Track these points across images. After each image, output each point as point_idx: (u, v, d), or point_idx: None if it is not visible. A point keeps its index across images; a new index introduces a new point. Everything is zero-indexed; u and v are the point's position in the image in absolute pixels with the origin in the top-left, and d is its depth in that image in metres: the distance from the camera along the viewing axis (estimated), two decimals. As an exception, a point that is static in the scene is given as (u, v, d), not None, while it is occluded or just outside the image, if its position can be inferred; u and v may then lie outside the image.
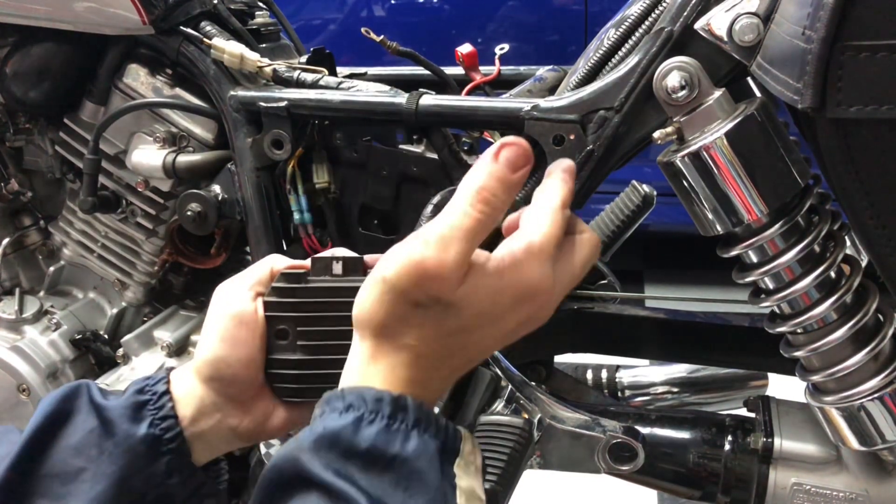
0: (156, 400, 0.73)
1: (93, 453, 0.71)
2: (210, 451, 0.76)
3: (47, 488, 0.71)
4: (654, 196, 1.25)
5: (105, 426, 0.72)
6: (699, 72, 0.76)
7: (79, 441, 0.72)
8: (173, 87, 1.17)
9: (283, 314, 0.74)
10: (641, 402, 1.27)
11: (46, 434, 0.72)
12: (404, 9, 3.11)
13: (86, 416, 0.73)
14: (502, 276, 0.61)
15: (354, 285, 0.71)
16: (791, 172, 0.73)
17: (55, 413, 0.73)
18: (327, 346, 0.74)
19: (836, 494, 0.86)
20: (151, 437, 0.72)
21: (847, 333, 0.78)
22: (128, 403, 0.73)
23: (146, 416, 0.73)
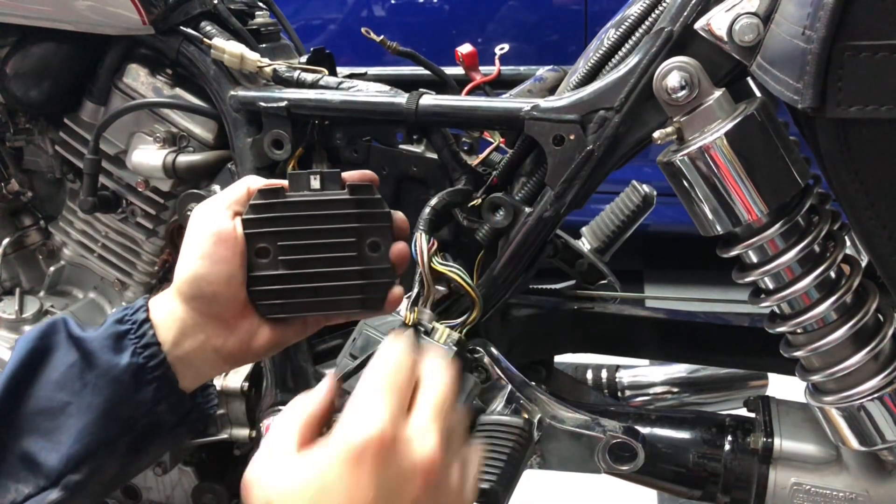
0: (136, 329, 0.74)
1: (76, 386, 0.72)
2: (197, 376, 0.77)
3: (34, 424, 0.72)
4: (654, 196, 1.25)
5: (86, 359, 0.73)
6: (699, 72, 0.76)
7: (60, 376, 0.73)
8: (173, 87, 1.17)
9: (263, 230, 0.75)
10: (641, 402, 1.27)
11: (27, 372, 0.73)
12: (404, 9, 3.11)
13: (65, 350, 0.74)
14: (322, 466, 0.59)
15: (333, 198, 0.75)
16: (791, 172, 0.73)
17: (33, 351, 0.73)
18: (309, 259, 0.75)
19: (836, 494, 0.86)
20: (135, 365, 0.73)
21: (847, 333, 0.78)
22: (107, 334, 0.74)
23: (127, 345, 0.73)
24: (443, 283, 0.93)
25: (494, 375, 0.96)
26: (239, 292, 0.74)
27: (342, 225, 0.76)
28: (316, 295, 0.76)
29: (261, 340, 0.77)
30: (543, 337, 1.16)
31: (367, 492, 0.56)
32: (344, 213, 0.76)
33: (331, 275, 0.76)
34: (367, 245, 0.76)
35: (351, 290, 0.76)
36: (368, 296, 0.77)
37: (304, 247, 0.75)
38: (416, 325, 0.87)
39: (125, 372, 0.72)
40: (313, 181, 0.75)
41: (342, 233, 0.76)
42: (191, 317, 0.74)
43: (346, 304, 0.77)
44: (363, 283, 0.76)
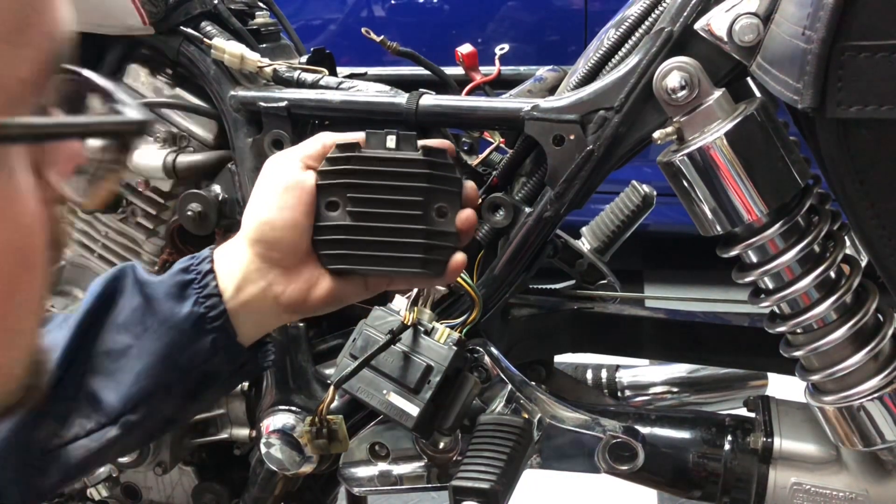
0: (200, 279, 0.76)
1: (138, 330, 0.75)
2: (255, 327, 0.78)
3: (99, 365, 0.75)
4: (653, 196, 1.25)
5: (149, 304, 0.75)
6: (699, 72, 0.76)
7: (125, 318, 0.75)
8: (173, 87, 1.17)
9: (336, 181, 0.77)
10: (641, 402, 1.27)
11: (96, 314, 0.75)
12: (404, 9, 3.11)
13: (131, 294, 0.76)
14: None
15: (407, 157, 0.76)
16: (791, 172, 0.73)
17: (103, 294, 0.76)
18: (375, 213, 0.77)
19: (835, 494, 0.86)
20: (196, 315, 0.74)
21: (847, 333, 0.78)
22: (172, 282, 0.76)
23: (190, 294, 0.75)
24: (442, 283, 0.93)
25: (494, 375, 0.96)
26: (302, 241, 0.77)
27: (412, 184, 0.76)
28: (378, 250, 0.77)
29: (320, 291, 0.78)
30: (543, 337, 1.16)
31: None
32: (415, 173, 0.76)
33: (395, 231, 0.76)
34: (435, 209, 0.77)
35: (413, 249, 0.76)
36: (430, 258, 0.77)
37: (373, 201, 0.77)
38: (416, 325, 0.87)
39: (185, 321, 0.74)
40: (389, 140, 0.77)
41: (411, 192, 0.76)
42: (253, 262, 0.76)
43: (406, 262, 0.77)
44: (426, 244, 0.76)
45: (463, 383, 0.90)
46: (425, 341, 0.90)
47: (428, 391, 0.86)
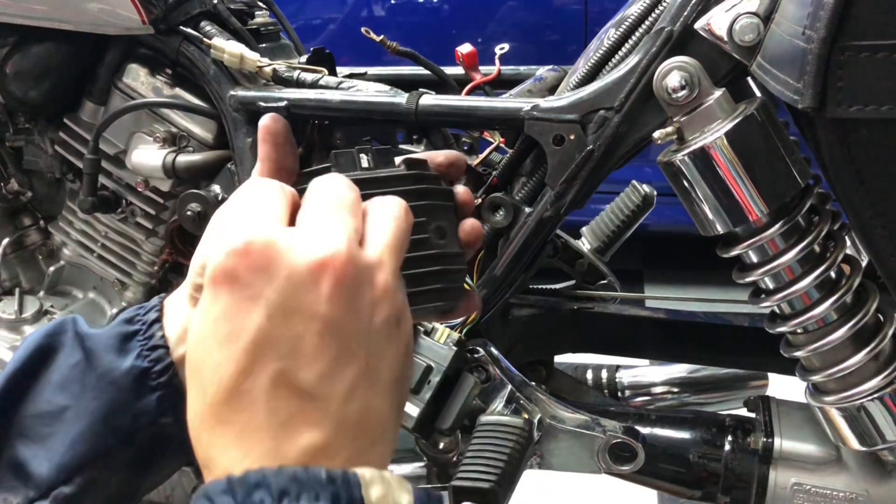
0: (145, 329, 0.66)
1: (75, 389, 0.65)
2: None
3: (28, 429, 0.65)
4: (654, 196, 1.25)
5: (88, 358, 0.66)
6: (699, 72, 0.76)
7: (62, 377, 0.66)
8: (173, 86, 1.17)
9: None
10: (641, 403, 1.27)
11: (28, 372, 0.66)
12: (404, 9, 3.11)
13: (70, 349, 0.67)
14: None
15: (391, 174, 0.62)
16: (791, 172, 0.73)
17: (39, 349, 0.67)
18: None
19: (836, 494, 0.86)
20: (138, 369, 0.65)
21: (847, 333, 0.77)
22: (114, 333, 0.66)
23: (134, 346, 0.66)
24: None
25: (494, 375, 0.96)
26: None
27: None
28: None
29: None
30: (543, 337, 1.16)
31: (324, 311, 0.48)
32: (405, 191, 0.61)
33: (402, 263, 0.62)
34: (433, 230, 0.63)
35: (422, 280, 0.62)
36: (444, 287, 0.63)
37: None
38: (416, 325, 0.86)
39: (126, 375, 0.65)
40: (362, 160, 0.63)
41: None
42: (191, 312, 0.65)
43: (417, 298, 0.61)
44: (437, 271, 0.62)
45: (463, 383, 0.90)
46: (425, 341, 0.90)
47: (428, 391, 0.86)
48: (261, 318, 0.48)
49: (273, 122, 0.65)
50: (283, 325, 0.48)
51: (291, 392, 0.47)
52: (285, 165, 0.65)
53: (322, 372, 0.48)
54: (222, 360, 0.48)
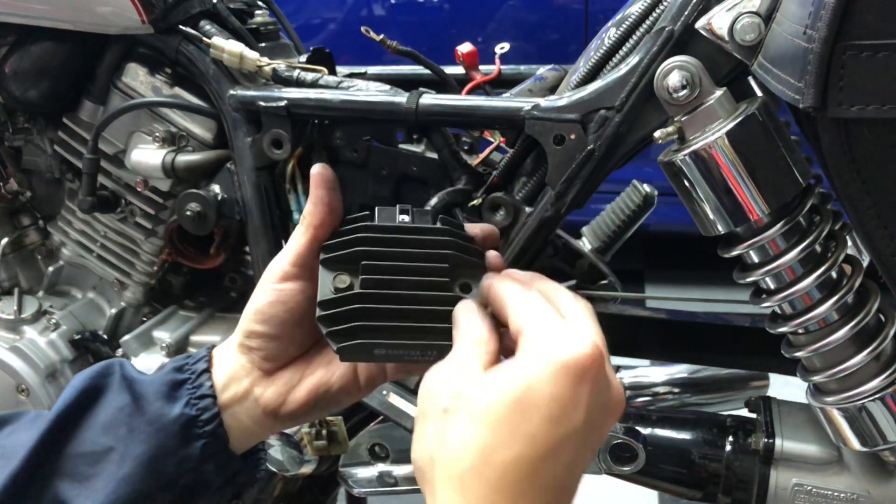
0: (194, 378, 0.70)
1: (122, 432, 0.68)
2: (244, 433, 0.72)
3: (73, 468, 0.68)
4: (654, 196, 1.25)
5: (137, 402, 0.69)
6: (700, 71, 0.75)
7: (108, 418, 0.69)
8: (172, 86, 1.17)
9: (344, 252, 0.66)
10: (642, 403, 1.26)
11: (75, 411, 0.69)
12: (404, 8, 3.11)
13: (117, 392, 0.70)
14: (534, 366, 0.54)
15: (425, 227, 0.68)
16: (792, 172, 0.73)
17: (86, 390, 0.69)
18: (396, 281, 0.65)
19: (837, 495, 0.86)
20: (186, 417, 0.68)
21: (848, 334, 0.77)
22: (164, 381, 0.70)
23: (183, 394, 0.69)
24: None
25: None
26: (290, 345, 0.70)
27: (436, 263, 0.67)
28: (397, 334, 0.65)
29: (300, 393, 0.71)
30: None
31: (578, 411, 0.52)
32: (438, 241, 0.67)
33: (422, 314, 0.65)
34: (459, 285, 0.67)
35: (442, 334, 0.64)
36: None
37: (391, 269, 0.66)
38: None
39: (174, 423, 0.68)
40: (403, 217, 0.69)
41: (437, 269, 0.66)
42: (240, 359, 0.71)
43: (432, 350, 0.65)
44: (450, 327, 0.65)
45: None
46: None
47: None
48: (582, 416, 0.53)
49: (325, 169, 0.69)
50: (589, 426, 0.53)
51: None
52: (335, 210, 0.69)
53: (568, 464, 0.53)
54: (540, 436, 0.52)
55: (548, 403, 0.51)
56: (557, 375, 0.52)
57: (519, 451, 0.50)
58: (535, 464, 0.51)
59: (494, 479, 0.50)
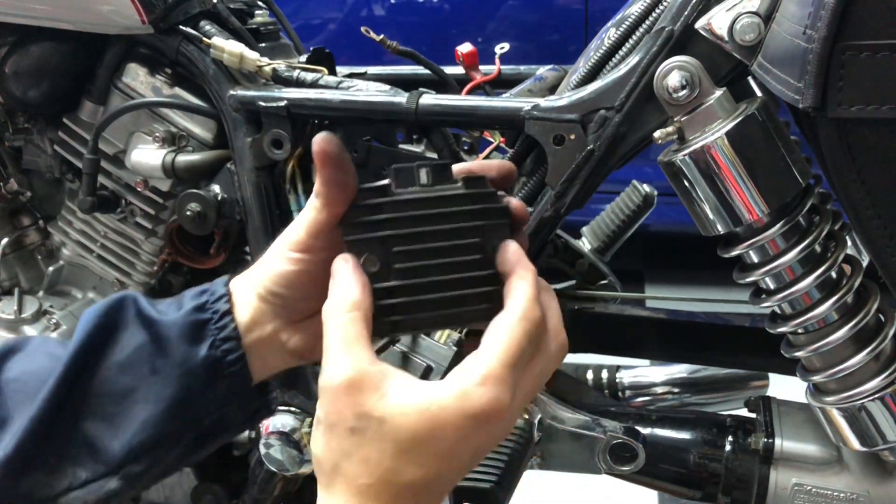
0: (217, 319, 0.69)
1: (143, 371, 0.68)
2: (264, 368, 0.72)
3: (96, 406, 0.68)
4: (654, 196, 1.25)
5: (158, 343, 0.68)
6: (700, 71, 0.76)
7: (127, 357, 0.68)
8: (172, 86, 1.17)
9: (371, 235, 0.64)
10: (642, 403, 1.27)
11: (91, 349, 0.68)
12: (404, 8, 3.11)
13: (133, 330, 0.69)
14: (442, 411, 0.56)
15: (449, 194, 0.64)
16: (792, 172, 0.73)
17: (100, 327, 0.69)
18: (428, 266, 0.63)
19: (837, 495, 0.86)
20: (212, 359, 0.68)
21: (848, 334, 0.77)
22: (187, 322, 0.69)
23: (207, 336, 0.68)
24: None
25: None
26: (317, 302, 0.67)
27: (462, 225, 0.64)
28: (436, 308, 0.64)
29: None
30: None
31: (469, 452, 0.58)
32: (463, 211, 0.64)
33: (454, 283, 0.64)
34: (489, 247, 0.65)
35: (476, 299, 0.64)
36: (495, 304, 0.64)
37: (423, 252, 0.64)
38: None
39: (201, 365, 0.68)
40: (421, 175, 0.64)
41: (464, 233, 0.64)
42: (261, 307, 0.70)
43: (469, 315, 0.65)
44: (489, 291, 0.64)
45: None
46: (425, 341, 0.89)
47: None
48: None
49: (327, 143, 0.63)
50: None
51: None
52: (348, 185, 0.65)
53: (447, 486, 0.60)
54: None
55: (447, 446, 0.56)
56: (465, 424, 0.56)
57: (413, 477, 0.57)
58: (425, 486, 0.57)
59: (389, 496, 0.57)
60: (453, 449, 0.57)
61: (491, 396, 0.56)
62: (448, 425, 0.56)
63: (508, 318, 0.59)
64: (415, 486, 0.57)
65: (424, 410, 0.56)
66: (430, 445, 0.56)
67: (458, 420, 0.56)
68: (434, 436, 0.56)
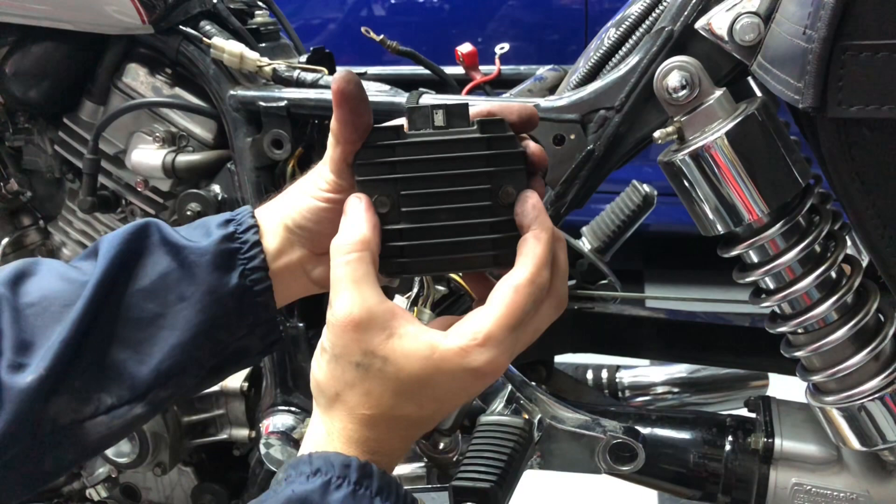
0: (247, 249, 0.70)
1: (171, 298, 0.68)
2: (286, 296, 0.73)
3: (121, 332, 0.68)
4: (654, 196, 1.25)
5: (185, 270, 0.69)
6: (700, 71, 0.76)
7: (152, 284, 0.69)
8: (173, 86, 1.17)
9: (381, 178, 0.64)
10: (642, 403, 1.27)
11: (116, 275, 0.68)
12: (404, 8, 3.11)
13: (158, 256, 0.69)
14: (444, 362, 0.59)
15: (463, 137, 0.64)
16: (792, 172, 0.73)
17: (124, 253, 0.69)
18: (439, 210, 0.64)
19: (836, 495, 0.86)
20: (242, 288, 0.69)
21: (848, 333, 0.77)
22: (216, 250, 0.69)
23: (236, 265, 0.69)
24: (443, 283, 0.93)
25: (494, 375, 0.96)
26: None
27: (474, 169, 0.64)
28: (443, 252, 0.65)
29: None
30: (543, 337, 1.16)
31: (462, 397, 0.63)
32: (476, 157, 0.64)
33: (461, 228, 0.64)
34: (501, 193, 0.64)
35: (482, 245, 0.64)
36: (501, 252, 0.65)
37: (433, 197, 0.64)
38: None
39: (230, 294, 0.69)
40: (437, 116, 0.64)
41: (474, 178, 0.64)
42: (287, 238, 0.71)
43: (475, 261, 0.65)
44: (496, 238, 0.64)
45: None
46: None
47: None
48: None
49: (345, 82, 0.64)
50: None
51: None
52: (359, 124, 0.65)
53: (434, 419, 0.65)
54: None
55: (444, 392, 0.61)
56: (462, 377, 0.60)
57: (408, 413, 0.61)
58: (417, 421, 0.63)
59: (385, 426, 0.61)
60: (447, 394, 0.61)
61: (489, 357, 0.59)
62: (446, 374, 0.60)
63: (515, 281, 0.61)
64: (409, 419, 0.62)
65: (427, 358, 0.59)
66: (428, 389, 0.60)
67: (457, 372, 0.59)
68: (433, 381, 0.60)
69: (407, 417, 0.62)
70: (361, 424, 0.61)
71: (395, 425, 0.62)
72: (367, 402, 0.60)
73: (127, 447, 1.15)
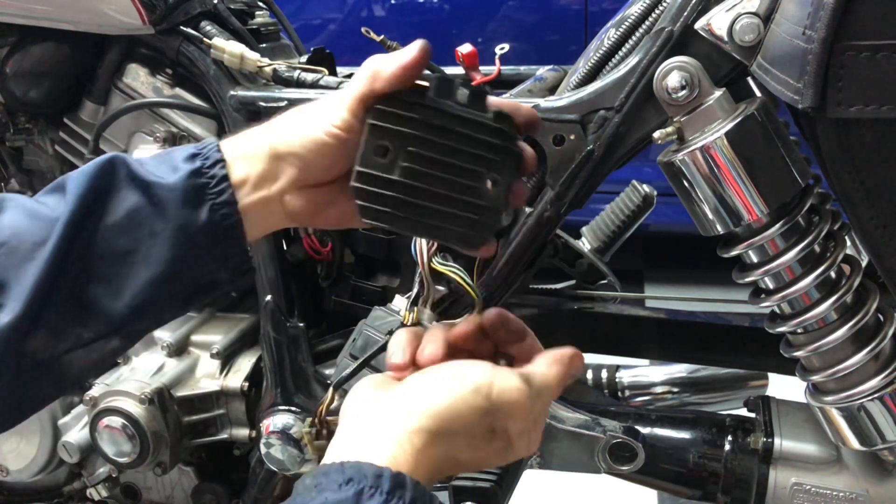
0: (214, 184, 0.70)
1: (140, 234, 0.69)
2: (256, 229, 0.73)
3: (96, 269, 0.68)
4: (654, 196, 1.25)
5: (155, 206, 0.69)
6: (699, 72, 0.76)
7: (122, 220, 0.69)
8: (173, 86, 1.17)
9: (393, 127, 0.67)
10: (641, 402, 1.27)
11: (85, 212, 0.68)
12: (404, 9, 3.11)
13: (126, 192, 0.69)
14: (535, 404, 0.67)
15: (478, 120, 0.68)
16: (791, 172, 0.73)
17: (92, 190, 0.68)
18: (433, 176, 0.67)
19: (836, 494, 0.86)
20: (211, 223, 0.69)
21: (847, 333, 0.78)
22: (184, 186, 0.69)
23: (205, 200, 0.70)
24: (443, 283, 0.93)
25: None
26: (330, 171, 0.72)
27: (478, 153, 0.68)
28: (422, 216, 0.68)
29: (331, 216, 0.75)
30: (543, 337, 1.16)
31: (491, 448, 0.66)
32: (482, 141, 0.68)
33: (445, 200, 0.68)
34: (489, 178, 0.68)
35: (458, 221, 0.68)
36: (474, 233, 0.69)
37: (431, 160, 0.67)
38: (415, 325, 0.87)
39: (200, 230, 0.69)
40: (461, 93, 0.69)
41: (476, 161, 0.68)
42: (270, 168, 0.71)
43: (446, 234, 0.69)
44: (473, 219, 0.68)
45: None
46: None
47: None
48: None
49: (429, 49, 0.69)
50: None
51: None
52: (410, 80, 0.69)
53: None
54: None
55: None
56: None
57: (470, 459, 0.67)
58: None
59: (451, 468, 0.65)
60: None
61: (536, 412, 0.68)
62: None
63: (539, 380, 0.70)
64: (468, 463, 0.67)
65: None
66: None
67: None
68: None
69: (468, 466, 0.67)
70: (437, 464, 0.63)
71: (455, 469, 0.66)
72: (465, 458, 0.65)
73: (127, 447, 1.15)
